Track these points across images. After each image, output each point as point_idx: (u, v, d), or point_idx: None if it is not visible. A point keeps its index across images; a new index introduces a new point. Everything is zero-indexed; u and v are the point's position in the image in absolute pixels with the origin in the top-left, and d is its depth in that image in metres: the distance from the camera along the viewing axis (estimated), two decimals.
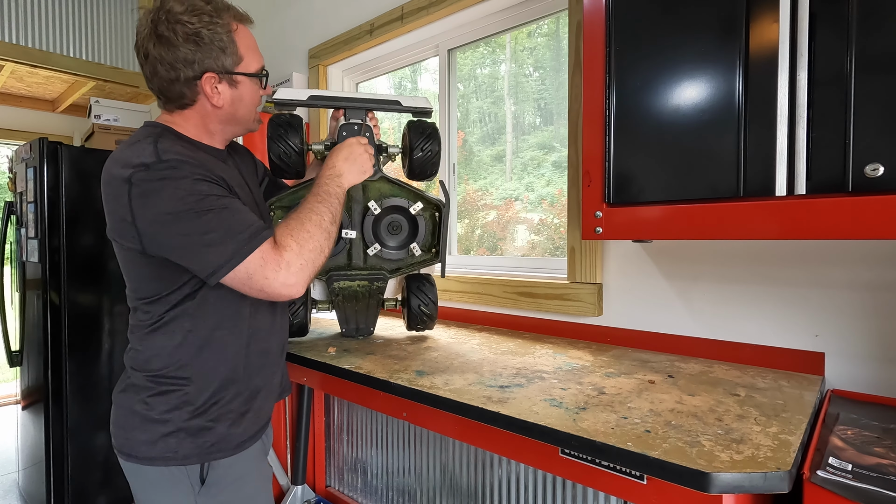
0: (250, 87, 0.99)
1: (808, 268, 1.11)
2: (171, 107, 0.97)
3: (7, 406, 4.01)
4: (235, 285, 0.87)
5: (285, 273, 0.87)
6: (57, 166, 2.20)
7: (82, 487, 2.29)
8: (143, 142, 0.89)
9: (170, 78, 0.92)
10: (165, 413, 0.92)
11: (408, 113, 1.39)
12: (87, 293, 2.30)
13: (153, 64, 0.91)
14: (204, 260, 0.85)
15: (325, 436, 2.07)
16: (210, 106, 0.96)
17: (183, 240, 0.84)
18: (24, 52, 2.75)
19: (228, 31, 0.94)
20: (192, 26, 0.89)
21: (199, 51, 0.91)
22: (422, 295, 1.46)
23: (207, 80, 0.93)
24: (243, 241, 0.85)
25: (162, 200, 0.83)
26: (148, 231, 0.85)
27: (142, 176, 0.84)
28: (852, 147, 0.76)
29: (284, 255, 0.87)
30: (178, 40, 0.89)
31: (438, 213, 1.43)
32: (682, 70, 0.93)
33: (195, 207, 0.83)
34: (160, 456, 0.91)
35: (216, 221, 0.84)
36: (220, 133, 1.02)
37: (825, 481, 0.69)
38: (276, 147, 1.28)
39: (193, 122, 0.98)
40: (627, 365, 1.19)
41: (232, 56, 0.94)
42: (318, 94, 1.29)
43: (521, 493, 1.40)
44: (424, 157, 1.36)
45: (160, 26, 0.89)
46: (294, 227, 0.92)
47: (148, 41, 0.91)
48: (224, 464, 0.95)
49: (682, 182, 0.94)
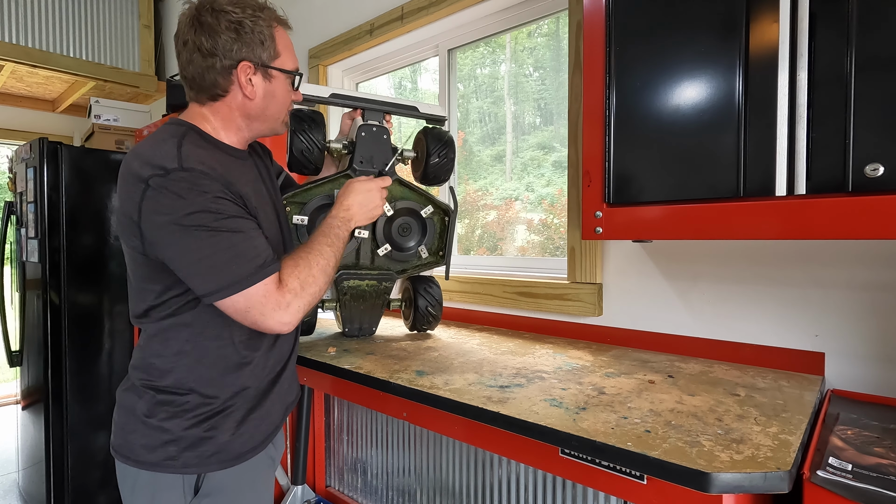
0: (284, 85, 0.99)
1: (808, 268, 1.11)
2: (202, 97, 0.96)
3: (7, 406, 4.02)
4: (228, 311, 0.85)
5: (283, 312, 0.86)
6: (57, 166, 2.20)
7: (82, 487, 2.29)
8: (167, 141, 0.87)
9: (206, 65, 0.91)
10: (165, 420, 0.90)
11: (423, 119, 1.43)
12: (87, 293, 2.30)
13: (191, 51, 0.91)
14: (204, 279, 0.83)
15: (325, 436, 2.07)
16: (241, 97, 0.95)
17: (187, 255, 0.82)
18: (24, 52, 2.75)
19: (270, 27, 0.95)
20: (236, 16, 0.90)
21: (239, 40, 0.91)
22: (429, 296, 1.47)
23: (243, 69, 0.92)
24: (250, 271, 0.84)
25: (175, 210, 0.81)
26: (151, 236, 0.84)
27: (159, 181, 0.82)
28: (852, 147, 0.76)
29: (286, 296, 0.86)
30: (221, 27, 0.89)
31: (446, 217, 1.45)
32: (682, 70, 0.93)
33: (208, 225, 0.82)
34: (158, 462, 0.90)
35: (226, 243, 0.83)
36: (246, 130, 1.00)
37: (825, 481, 0.69)
38: (299, 142, 1.28)
39: (222, 115, 0.97)
40: (627, 365, 1.19)
41: (270, 50, 0.95)
42: (340, 92, 1.31)
43: (521, 493, 1.40)
44: (441, 164, 1.40)
45: (203, 14, 0.90)
46: (302, 268, 0.91)
47: (189, 28, 0.91)
48: (221, 475, 0.93)
49: (681, 182, 0.94)
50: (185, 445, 0.90)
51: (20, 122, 3.64)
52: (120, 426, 0.95)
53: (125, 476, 0.95)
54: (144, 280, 0.91)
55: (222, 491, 0.94)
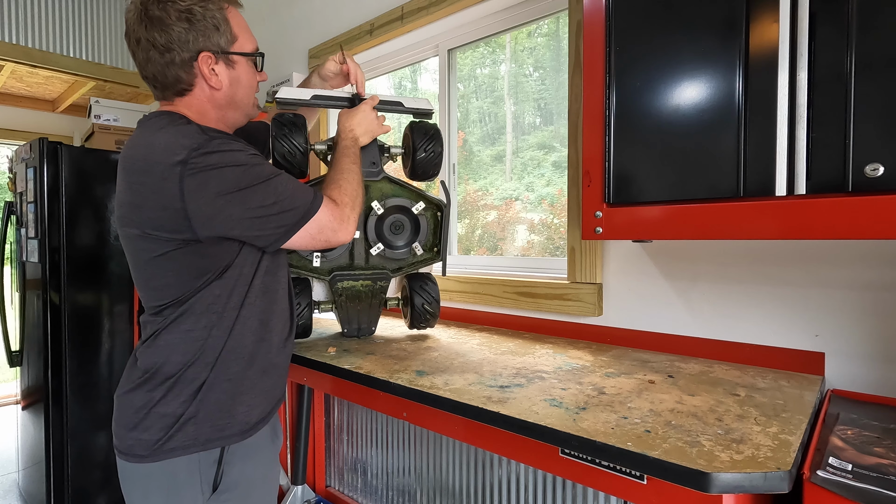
0: (247, 69, 0.99)
1: (808, 268, 1.11)
2: (168, 95, 0.94)
3: (7, 406, 4.02)
4: (300, 241, 0.93)
5: (347, 224, 0.98)
6: (57, 166, 2.20)
7: (82, 487, 2.29)
8: (175, 124, 0.86)
9: (165, 61, 0.89)
10: (180, 405, 0.90)
11: (409, 114, 1.40)
12: (87, 293, 2.30)
13: (146, 49, 0.89)
14: (278, 224, 0.89)
15: (325, 436, 2.07)
16: (208, 88, 0.94)
17: (254, 211, 0.87)
18: (24, 52, 2.75)
19: (220, 9, 0.93)
20: (184, 4, 0.88)
21: (192, 29, 0.89)
22: (425, 293, 1.47)
23: (204, 60, 0.91)
24: (310, 200, 0.92)
25: (225, 177, 0.84)
26: (206, 211, 0.84)
27: (198, 158, 0.82)
28: (852, 147, 0.76)
29: (345, 210, 0.98)
30: (171, 19, 0.87)
31: (440, 212, 1.44)
32: (682, 70, 0.93)
33: (260, 176, 0.87)
34: (180, 446, 0.90)
35: (281, 186, 0.89)
36: (221, 120, 1.00)
37: (825, 481, 0.69)
38: (280, 146, 1.28)
39: (195, 109, 0.96)
40: (627, 365, 1.19)
41: (226, 35, 0.94)
42: (322, 93, 1.29)
43: (521, 493, 1.40)
44: (427, 158, 1.37)
45: (150, 8, 0.88)
46: (344, 186, 1.02)
47: (139, 25, 0.89)
48: (240, 446, 0.96)
49: (682, 182, 0.94)
50: (202, 422, 0.91)
51: (20, 122, 3.64)
52: (130, 427, 0.92)
53: (137, 478, 0.93)
54: (176, 273, 0.90)
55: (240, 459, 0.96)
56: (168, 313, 0.92)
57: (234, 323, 0.94)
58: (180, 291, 0.91)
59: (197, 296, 0.91)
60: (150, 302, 0.95)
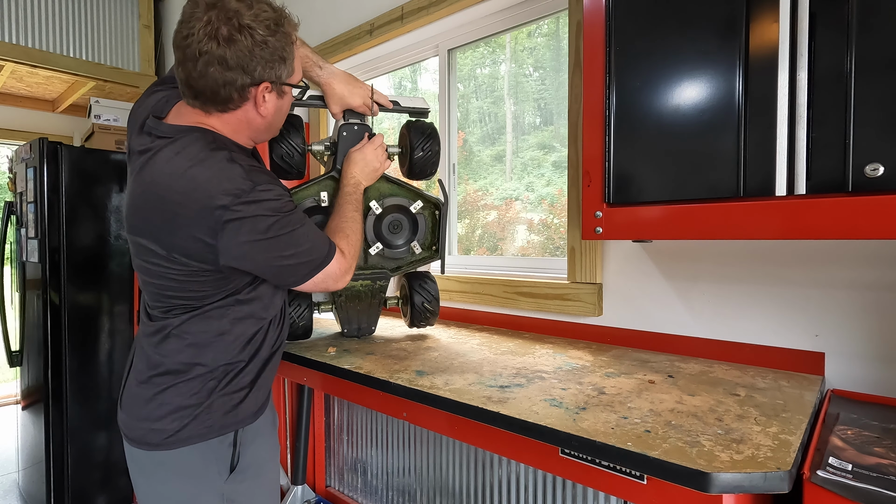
0: (290, 97, 1.00)
1: (809, 268, 1.11)
2: (209, 108, 0.92)
3: (7, 406, 4.02)
4: (306, 287, 0.99)
5: (347, 275, 1.04)
6: (57, 166, 2.20)
7: (82, 487, 2.30)
8: (218, 161, 0.87)
9: (224, 80, 0.87)
10: (193, 397, 0.95)
11: (406, 113, 1.40)
12: (87, 293, 2.30)
13: (207, 63, 0.85)
14: (294, 272, 0.95)
15: (325, 436, 2.07)
16: (254, 113, 0.94)
17: (275, 259, 0.91)
18: (24, 52, 2.74)
19: (290, 43, 0.92)
20: (261, 34, 0.87)
21: (263, 60, 0.88)
22: (424, 292, 1.47)
23: (262, 88, 0.91)
24: (324, 253, 0.98)
25: (257, 226, 0.87)
26: (234, 252, 0.88)
27: (240, 206, 0.85)
28: (852, 147, 0.76)
29: (348, 261, 1.04)
30: (245, 45, 0.86)
31: (438, 211, 1.44)
32: (682, 70, 0.93)
33: (286, 226, 0.91)
34: (196, 434, 0.94)
35: (304, 238, 0.94)
36: (251, 139, 1.01)
37: (825, 481, 0.69)
38: (278, 147, 1.28)
39: (231, 126, 0.95)
40: (627, 365, 1.19)
41: (289, 68, 0.94)
42: (317, 93, 1.29)
43: (521, 493, 1.40)
44: (425, 157, 1.37)
45: (224, 27, 0.84)
46: (350, 237, 1.09)
47: (209, 40, 0.84)
48: (250, 428, 1.02)
49: (682, 182, 0.94)
50: (217, 410, 0.96)
51: (20, 122, 3.64)
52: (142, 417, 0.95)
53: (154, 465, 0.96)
54: (195, 290, 0.94)
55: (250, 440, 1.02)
56: (178, 312, 0.96)
57: (243, 318, 0.98)
58: (195, 300, 0.95)
59: (209, 301, 0.95)
60: (161, 302, 0.97)
